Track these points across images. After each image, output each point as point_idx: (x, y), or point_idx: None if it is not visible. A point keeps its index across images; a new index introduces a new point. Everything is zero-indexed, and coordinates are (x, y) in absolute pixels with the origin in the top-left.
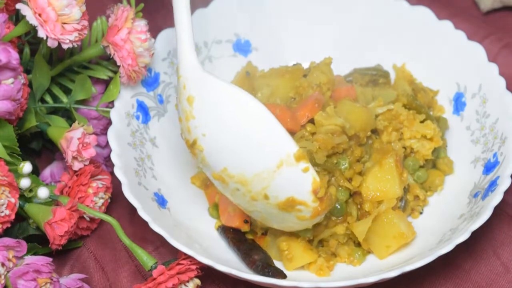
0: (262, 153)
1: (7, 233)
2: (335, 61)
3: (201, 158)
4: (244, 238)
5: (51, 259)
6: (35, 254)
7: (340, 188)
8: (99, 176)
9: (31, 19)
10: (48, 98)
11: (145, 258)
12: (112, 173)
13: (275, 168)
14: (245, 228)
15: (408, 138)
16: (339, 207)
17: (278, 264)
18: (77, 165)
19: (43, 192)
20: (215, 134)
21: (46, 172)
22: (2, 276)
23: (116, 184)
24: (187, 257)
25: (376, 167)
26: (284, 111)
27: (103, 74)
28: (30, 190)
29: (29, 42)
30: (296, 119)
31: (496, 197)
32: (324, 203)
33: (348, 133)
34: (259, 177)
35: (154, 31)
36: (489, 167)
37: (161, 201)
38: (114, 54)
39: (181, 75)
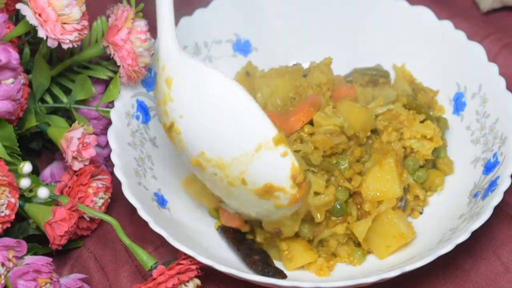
0: (241, 136)
1: (7, 233)
2: (335, 61)
3: (178, 141)
4: (244, 238)
5: (51, 259)
6: (35, 254)
7: (339, 188)
8: (99, 176)
9: (31, 19)
10: (48, 98)
11: (145, 258)
12: (112, 173)
13: (253, 152)
14: (245, 228)
15: (408, 138)
16: (339, 207)
17: (278, 264)
18: (77, 165)
19: (43, 192)
20: (193, 116)
21: (46, 172)
22: (2, 276)
23: (116, 184)
24: (187, 257)
25: (376, 167)
26: (274, 117)
27: (103, 74)
28: (30, 190)
29: (29, 42)
30: (288, 124)
31: (496, 197)
32: (302, 189)
33: (347, 133)
34: (237, 161)
35: (154, 31)
36: (489, 167)
37: (161, 201)
38: (114, 54)
39: (160, 58)
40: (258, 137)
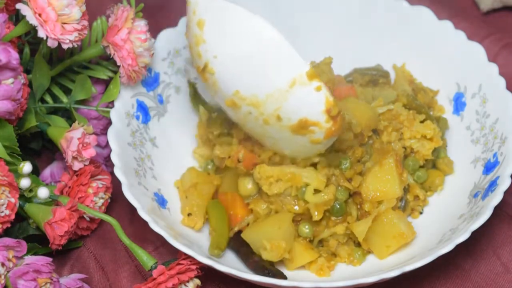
0: (274, 73)
1: (7, 233)
2: (335, 61)
3: (212, 82)
4: (244, 242)
5: (51, 259)
6: (35, 254)
7: (339, 188)
8: (99, 176)
9: (31, 19)
10: (48, 98)
11: (145, 258)
12: (112, 173)
13: (288, 88)
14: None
15: (408, 138)
16: (338, 207)
17: (278, 263)
18: (77, 165)
19: (43, 192)
20: (227, 55)
21: (46, 172)
22: (2, 276)
23: (116, 184)
24: (187, 257)
25: (376, 167)
26: None
27: (103, 74)
28: (30, 190)
29: (29, 42)
30: None
31: (496, 197)
32: (338, 123)
33: (354, 131)
34: (272, 98)
35: (154, 31)
36: (489, 167)
37: (161, 201)
38: (114, 54)
39: (190, 2)
40: (292, 72)
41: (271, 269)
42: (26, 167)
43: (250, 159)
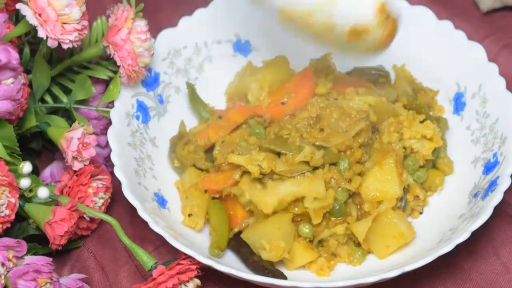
0: None
1: (7, 233)
2: (335, 61)
3: None
4: (244, 242)
5: (51, 259)
6: (35, 254)
7: (339, 189)
8: (99, 176)
9: (31, 19)
10: (48, 98)
11: (145, 258)
12: (112, 173)
13: None
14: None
15: (408, 138)
16: (338, 207)
17: (278, 263)
18: (77, 165)
19: (43, 192)
20: None
21: (46, 172)
22: (2, 276)
23: (116, 184)
24: (187, 257)
25: (376, 168)
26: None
27: (103, 74)
28: (30, 190)
29: (29, 42)
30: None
31: (496, 197)
32: (391, 23)
33: (372, 119)
34: (321, 6)
35: (154, 31)
36: (489, 167)
37: (161, 201)
38: (114, 54)
39: None
40: None
41: (271, 269)
42: (26, 167)
43: (213, 185)
